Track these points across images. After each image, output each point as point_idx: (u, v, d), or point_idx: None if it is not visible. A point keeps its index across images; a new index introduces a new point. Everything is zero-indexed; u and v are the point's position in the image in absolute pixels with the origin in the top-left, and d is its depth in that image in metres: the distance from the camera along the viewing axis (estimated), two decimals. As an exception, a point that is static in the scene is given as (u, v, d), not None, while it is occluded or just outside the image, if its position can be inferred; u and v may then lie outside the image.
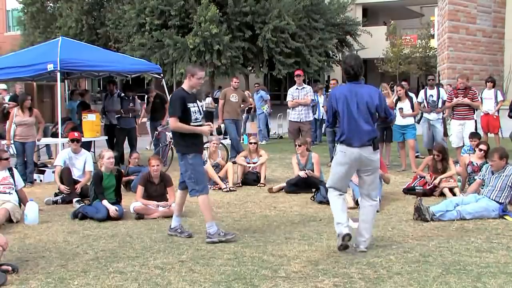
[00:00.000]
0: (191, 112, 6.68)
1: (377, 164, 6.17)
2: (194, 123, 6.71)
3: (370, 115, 6.03)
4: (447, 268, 5.46)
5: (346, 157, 6.07)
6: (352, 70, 6.10)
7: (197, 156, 6.75)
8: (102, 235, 7.05)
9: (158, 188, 8.32)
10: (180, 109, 6.64)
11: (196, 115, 6.75)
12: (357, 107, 5.99)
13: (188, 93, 6.78)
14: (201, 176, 6.76)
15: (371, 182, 6.20)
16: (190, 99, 6.76)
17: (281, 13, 29.28)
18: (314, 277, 5.27)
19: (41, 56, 11.85)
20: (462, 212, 7.50)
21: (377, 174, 6.27)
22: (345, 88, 6.24)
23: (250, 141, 11.17)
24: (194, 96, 6.95)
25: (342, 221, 6.08)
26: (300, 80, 12.87)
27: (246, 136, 16.57)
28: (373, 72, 40.46)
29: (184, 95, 6.73)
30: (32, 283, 5.21)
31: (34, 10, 34.38)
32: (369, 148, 6.02)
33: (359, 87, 6.10)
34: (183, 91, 6.77)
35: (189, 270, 5.53)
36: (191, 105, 6.72)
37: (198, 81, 6.75)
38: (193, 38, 27.89)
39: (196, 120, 6.75)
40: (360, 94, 6.02)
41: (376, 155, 6.11)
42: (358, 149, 6.01)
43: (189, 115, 6.67)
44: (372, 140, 6.02)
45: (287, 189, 9.83)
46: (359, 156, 6.02)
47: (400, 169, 11.85)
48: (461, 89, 11.87)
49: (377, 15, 46.17)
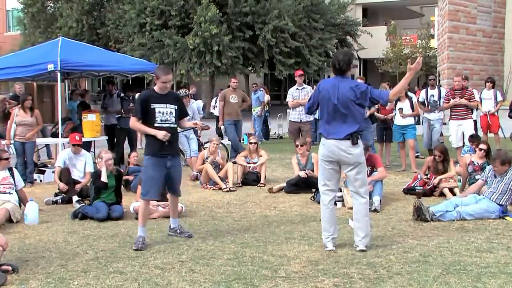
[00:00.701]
0: (155, 112, 6.49)
1: (358, 158, 6.10)
2: (160, 125, 6.51)
3: (351, 109, 6.04)
4: (447, 268, 5.46)
5: (325, 149, 6.17)
6: (337, 65, 6.19)
7: (151, 159, 6.59)
8: (102, 235, 7.05)
9: None
10: (141, 110, 6.54)
11: (165, 117, 6.54)
12: (337, 100, 6.05)
13: (158, 94, 6.58)
14: (149, 180, 6.61)
15: (355, 178, 6.17)
16: (158, 100, 6.55)
17: (281, 14, 29.28)
18: (314, 277, 5.27)
19: (41, 56, 11.85)
20: (462, 213, 7.50)
21: (361, 170, 6.16)
22: (329, 81, 6.34)
23: (250, 141, 11.17)
24: (168, 97, 6.66)
25: (327, 234, 6.25)
26: (301, 80, 12.87)
27: (246, 136, 16.57)
28: (373, 72, 40.47)
29: (148, 96, 6.63)
30: (32, 283, 5.21)
31: (34, 11, 34.37)
32: (346, 141, 6.04)
33: (341, 81, 6.16)
34: (152, 92, 6.67)
35: (189, 270, 5.53)
36: (158, 105, 6.52)
37: (163, 85, 6.54)
38: (193, 38, 27.90)
39: (166, 122, 6.54)
40: (341, 88, 6.08)
41: (355, 149, 6.06)
42: (335, 141, 6.07)
43: (152, 116, 6.50)
44: (351, 134, 6.03)
45: (287, 189, 9.83)
46: (337, 149, 6.07)
47: (400, 169, 11.85)
48: (458, 90, 11.88)
49: (377, 15, 46.17)
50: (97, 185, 8.13)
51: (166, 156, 6.58)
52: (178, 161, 6.82)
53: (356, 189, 6.22)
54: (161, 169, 6.58)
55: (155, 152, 6.55)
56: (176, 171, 6.78)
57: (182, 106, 6.88)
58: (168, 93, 6.69)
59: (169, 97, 6.67)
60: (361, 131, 6.18)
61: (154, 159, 6.56)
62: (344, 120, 6.06)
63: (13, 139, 11.10)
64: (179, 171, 6.87)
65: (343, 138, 6.04)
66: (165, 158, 6.57)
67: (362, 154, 6.18)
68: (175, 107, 6.65)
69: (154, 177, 6.60)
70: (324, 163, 6.21)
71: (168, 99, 6.63)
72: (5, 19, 46.54)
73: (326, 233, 6.26)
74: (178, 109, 6.71)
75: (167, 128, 6.53)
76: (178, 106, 6.73)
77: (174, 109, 6.64)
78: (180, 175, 6.92)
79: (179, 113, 6.73)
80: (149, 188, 6.64)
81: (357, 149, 6.08)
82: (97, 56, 12.90)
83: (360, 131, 6.16)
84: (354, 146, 6.05)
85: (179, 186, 6.90)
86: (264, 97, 19.25)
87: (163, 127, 6.50)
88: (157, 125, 6.50)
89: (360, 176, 6.17)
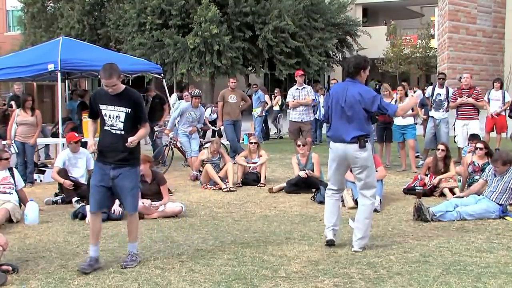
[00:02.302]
0: (102, 114, 5.74)
1: (365, 162, 6.10)
2: (108, 129, 5.73)
3: (359, 113, 6.06)
4: (447, 268, 5.47)
5: (333, 153, 6.23)
6: (347, 67, 6.29)
7: (95, 165, 6.00)
8: (102, 235, 7.01)
9: (151, 187, 8.31)
10: (91, 110, 5.94)
11: (111, 121, 5.69)
12: (344, 103, 6.09)
13: (108, 94, 5.70)
14: (90, 189, 5.93)
15: (362, 180, 6.19)
16: (106, 101, 5.72)
17: (281, 13, 29.28)
18: (314, 277, 5.27)
19: (41, 56, 11.85)
20: (462, 213, 7.51)
21: (369, 173, 6.18)
22: (340, 85, 6.48)
23: (250, 141, 11.16)
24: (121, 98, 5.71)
25: (328, 224, 6.29)
26: (301, 80, 12.87)
27: (246, 136, 16.57)
28: (373, 72, 40.43)
29: (96, 94, 5.93)
30: (32, 283, 5.22)
31: (35, 11, 34.37)
32: (354, 145, 6.05)
33: (351, 85, 6.19)
34: (102, 90, 5.81)
35: (189, 270, 5.53)
36: (105, 107, 5.71)
37: (105, 88, 5.68)
38: (193, 38, 27.88)
39: (111, 127, 5.70)
40: (349, 91, 6.11)
41: (363, 153, 6.07)
42: (343, 145, 6.10)
43: (101, 118, 5.78)
44: (357, 137, 6.04)
45: (287, 189, 9.83)
46: (344, 153, 6.11)
47: (400, 169, 11.85)
48: (465, 89, 11.85)
49: (377, 15, 46.18)
50: None
51: (109, 164, 5.74)
52: (126, 172, 5.74)
53: (362, 190, 6.25)
54: (101, 178, 5.75)
55: (98, 157, 5.87)
56: (123, 183, 5.74)
57: (138, 110, 5.78)
58: (122, 93, 5.73)
59: (122, 99, 5.71)
60: (368, 135, 6.18)
61: (96, 165, 5.92)
62: (350, 123, 6.08)
63: (14, 139, 11.10)
64: (127, 184, 5.76)
65: (349, 142, 6.06)
66: (108, 165, 5.74)
67: (370, 158, 6.17)
68: (126, 110, 5.70)
69: (92, 186, 5.86)
70: (332, 163, 6.30)
71: (119, 101, 5.71)
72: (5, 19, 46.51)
73: (328, 223, 6.29)
74: (132, 113, 5.72)
75: (111, 134, 5.73)
76: (133, 110, 5.73)
77: (125, 113, 5.70)
78: (130, 187, 5.78)
79: (133, 118, 5.74)
80: (90, 198, 5.91)
81: (364, 152, 6.08)
82: (97, 55, 12.89)
83: (368, 135, 6.16)
84: (361, 150, 6.06)
85: (131, 200, 5.85)
86: (264, 97, 19.25)
87: (110, 132, 5.73)
88: (106, 128, 5.77)
89: (368, 179, 6.19)
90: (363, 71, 6.25)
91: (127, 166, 5.75)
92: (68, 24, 32.17)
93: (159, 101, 13.86)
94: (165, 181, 8.50)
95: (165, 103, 13.93)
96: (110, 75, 5.58)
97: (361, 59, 6.35)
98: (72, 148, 9.72)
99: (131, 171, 5.79)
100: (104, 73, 5.61)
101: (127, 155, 5.73)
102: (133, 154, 5.81)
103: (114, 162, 5.71)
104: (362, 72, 6.25)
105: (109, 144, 5.73)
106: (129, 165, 5.78)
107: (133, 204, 5.89)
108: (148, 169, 8.35)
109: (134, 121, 5.76)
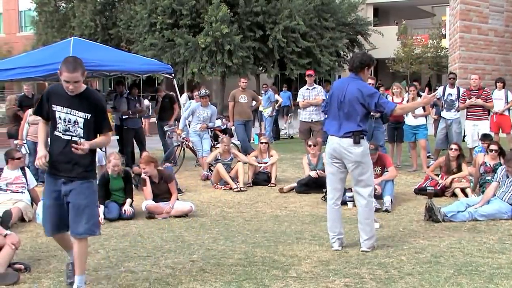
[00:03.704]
0: (56, 117, 4.79)
1: (359, 158, 6.04)
2: (59, 135, 4.81)
3: (355, 108, 6.04)
4: (459, 269, 5.44)
5: (328, 145, 6.22)
6: (352, 62, 6.28)
7: (45, 182, 4.97)
8: (113, 235, 7.07)
9: (160, 186, 8.33)
10: (38, 107, 4.93)
11: (65, 125, 4.78)
12: (343, 98, 6.09)
13: (66, 93, 4.76)
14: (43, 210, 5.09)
15: (356, 178, 6.14)
16: (62, 102, 4.78)
17: (292, 13, 29.28)
18: (325, 277, 5.26)
19: (53, 56, 11.88)
20: (474, 214, 7.46)
21: (363, 171, 6.09)
22: (341, 80, 6.57)
23: (261, 141, 11.16)
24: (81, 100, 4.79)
25: (332, 234, 6.27)
26: (311, 80, 12.86)
27: (257, 136, 16.57)
28: (384, 72, 40.35)
29: (50, 92, 4.88)
30: (44, 282, 5.24)
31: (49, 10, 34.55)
32: (348, 140, 6.02)
33: (351, 81, 6.20)
34: (58, 88, 4.83)
35: (200, 270, 5.54)
36: (60, 108, 4.78)
37: (65, 84, 4.68)
38: (204, 37, 27.95)
39: (67, 133, 4.78)
40: (350, 86, 6.12)
41: (356, 149, 6.01)
42: (337, 139, 6.09)
43: (53, 120, 4.82)
44: (352, 132, 6.02)
45: (298, 189, 9.83)
46: (338, 147, 6.07)
47: (411, 170, 11.80)
48: (475, 90, 11.80)
49: (388, 15, 46.05)
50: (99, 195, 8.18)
51: (60, 177, 4.82)
52: (79, 188, 4.78)
53: (358, 189, 6.20)
54: (53, 194, 4.86)
55: (48, 168, 4.84)
56: (75, 200, 4.76)
57: (100, 116, 4.86)
58: (82, 95, 4.81)
59: (82, 102, 4.80)
60: (365, 131, 6.13)
61: (46, 179, 4.93)
62: (346, 118, 6.07)
63: (25, 138, 11.17)
64: (81, 201, 4.77)
65: (342, 136, 6.05)
66: (59, 179, 4.82)
67: (364, 155, 6.09)
68: (85, 116, 4.79)
69: (44, 204, 4.99)
70: (329, 160, 6.23)
71: (77, 104, 4.79)
72: (18, 19, 46.86)
73: (332, 233, 6.27)
74: (92, 119, 4.81)
75: (63, 141, 4.80)
76: (93, 115, 4.82)
77: (84, 119, 4.79)
78: (83, 205, 4.77)
79: (93, 125, 4.84)
80: (44, 221, 5.00)
81: (358, 148, 6.02)
82: (108, 55, 12.92)
83: (364, 132, 6.12)
84: (355, 145, 6.01)
85: (84, 221, 4.76)
86: (275, 97, 19.25)
87: (62, 138, 4.80)
88: (57, 134, 4.83)
89: (362, 177, 6.12)
90: (367, 68, 6.25)
91: (80, 180, 4.79)
92: (81, 23, 32.32)
93: (169, 101, 13.90)
94: (172, 178, 8.53)
95: (175, 102, 13.96)
96: (74, 68, 4.64)
97: (368, 57, 6.35)
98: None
99: (84, 185, 4.80)
100: (67, 65, 4.66)
101: (81, 167, 4.80)
102: (89, 166, 4.87)
103: (65, 176, 4.79)
104: (366, 69, 6.24)
105: (60, 152, 4.79)
106: (83, 178, 4.81)
107: (87, 225, 4.77)
108: (154, 169, 8.36)
109: (94, 129, 4.86)
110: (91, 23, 32.23)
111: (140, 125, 13.55)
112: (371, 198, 6.28)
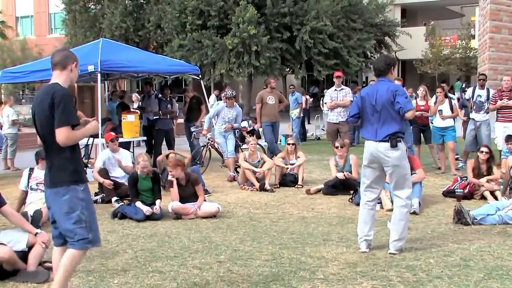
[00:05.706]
0: None
1: (396, 161, 6.03)
2: None
3: (389, 110, 6.03)
4: (489, 272, 5.36)
5: (366, 151, 6.22)
6: (377, 66, 6.30)
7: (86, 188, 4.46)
8: (141, 235, 7.13)
9: (187, 189, 8.34)
10: None
11: None
12: (375, 102, 6.09)
13: None
14: None
15: (394, 180, 6.15)
16: None
17: (319, 14, 29.21)
18: (352, 279, 5.24)
19: (82, 58, 11.83)
20: (504, 217, 7.35)
21: (401, 173, 6.10)
22: (371, 87, 6.57)
23: (288, 142, 11.15)
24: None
25: (360, 234, 6.25)
26: (339, 82, 12.82)
27: (284, 137, 16.56)
28: (411, 73, 40.02)
29: None
30: (73, 280, 5.29)
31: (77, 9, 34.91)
32: (385, 144, 6.01)
33: (380, 84, 6.20)
34: None
35: (227, 271, 5.55)
36: None
37: None
38: (231, 39, 28.05)
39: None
40: (380, 89, 6.12)
41: (394, 152, 6.00)
42: (374, 143, 6.08)
43: None
44: (389, 136, 6.00)
45: (325, 190, 9.79)
46: (375, 151, 6.07)
47: (439, 172, 11.68)
48: (506, 91, 11.63)
49: (416, 16, 45.65)
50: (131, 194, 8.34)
51: None
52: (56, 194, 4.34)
53: (395, 191, 6.21)
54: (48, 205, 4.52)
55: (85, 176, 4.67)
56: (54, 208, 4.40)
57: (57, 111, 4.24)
58: None
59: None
60: (402, 133, 6.12)
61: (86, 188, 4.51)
62: (381, 122, 6.07)
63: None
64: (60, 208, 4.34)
65: (381, 140, 6.04)
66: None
67: (402, 158, 6.09)
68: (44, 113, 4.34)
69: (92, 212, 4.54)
70: (366, 163, 6.24)
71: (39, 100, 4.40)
72: (48, 21, 47.53)
73: (360, 233, 6.25)
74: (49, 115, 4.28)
75: None
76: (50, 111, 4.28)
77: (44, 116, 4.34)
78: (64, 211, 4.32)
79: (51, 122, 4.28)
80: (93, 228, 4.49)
81: (396, 152, 6.01)
82: (136, 57, 13.06)
83: (402, 133, 6.10)
84: (393, 149, 6.00)
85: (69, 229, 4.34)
86: (302, 98, 19.22)
87: None
88: None
89: (400, 179, 6.13)
90: (392, 68, 6.29)
91: (57, 186, 4.34)
92: (111, 24, 32.60)
93: (197, 102, 13.95)
94: (199, 181, 8.55)
95: (202, 104, 14.01)
96: None
97: (390, 57, 6.44)
98: (111, 148, 9.87)
99: (60, 192, 4.33)
100: None
101: (55, 172, 4.37)
102: (64, 170, 4.34)
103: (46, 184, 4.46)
104: (392, 69, 6.28)
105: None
106: (61, 183, 4.34)
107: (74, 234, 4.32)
108: (181, 172, 8.38)
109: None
110: (123, 24, 32.50)
111: (171, 127, 13.63)
112: (409, 200, 6.30)
